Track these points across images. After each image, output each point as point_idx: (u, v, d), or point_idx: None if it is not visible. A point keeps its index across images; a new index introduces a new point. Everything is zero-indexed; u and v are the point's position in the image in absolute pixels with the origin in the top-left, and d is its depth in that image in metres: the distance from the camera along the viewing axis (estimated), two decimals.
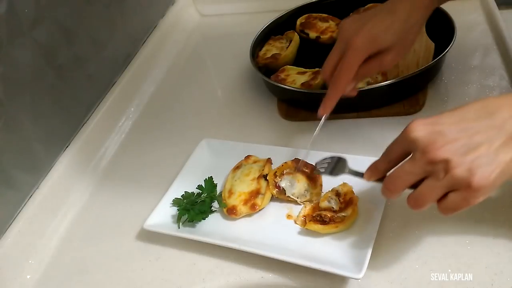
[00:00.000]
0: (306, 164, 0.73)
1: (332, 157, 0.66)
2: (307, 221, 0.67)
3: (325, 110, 0.70)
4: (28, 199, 0.77)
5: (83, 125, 0.91)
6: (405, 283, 0.60)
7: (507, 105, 0.48)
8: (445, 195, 0.49)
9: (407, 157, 0.52)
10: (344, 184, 0.70)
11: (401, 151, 0.52)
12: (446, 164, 0.47)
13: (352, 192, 0.68)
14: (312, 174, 0.71)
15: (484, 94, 0.85)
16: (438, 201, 0.50)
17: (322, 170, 0.65)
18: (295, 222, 0.69)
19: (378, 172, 0.56)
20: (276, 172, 0.74)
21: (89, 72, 0.93)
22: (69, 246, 0.77)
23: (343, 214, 0.66)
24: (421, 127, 0.49)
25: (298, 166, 0.73)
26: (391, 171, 0.54)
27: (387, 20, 0.65)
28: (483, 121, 0.48)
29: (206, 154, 0.83)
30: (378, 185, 0.66)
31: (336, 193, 0.69)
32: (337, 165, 0.64)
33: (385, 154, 0.55)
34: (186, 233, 0.70)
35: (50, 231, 0.79)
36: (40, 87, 0.80)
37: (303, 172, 0.72)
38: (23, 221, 0.75)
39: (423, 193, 0.50)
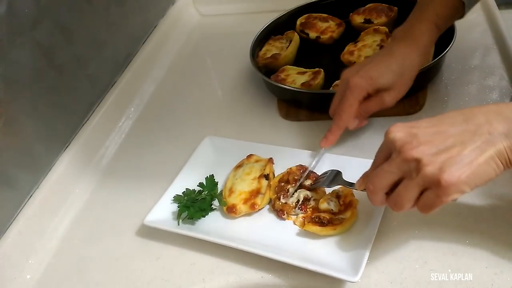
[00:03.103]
0: (309, 176, 0.73)
1: (331, 171, 0.70)
2: (305, 222, 0.67)
3: (327, 143, 0.76)
4: (28, 199, 0.77)
5: (83, 125, 0.91)
6: (405, 283, 0.60)
7: (483, 112, 0.50)
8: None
9: None
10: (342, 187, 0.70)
11: (384, 154, 0.55)
12: (418, 163, 0.49)
13: (352, 194, 0.68)
14: (311, 186, 0.72)
15: (484, 94, 0.85)
16: (416, 201, 0.52)
17: (320, 182, 0.70)
18: (294, 223, 0.69)
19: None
20: (280, 179, 0.74)
21: (89, 72, 0.93)
22: (69, 246, 0.77)
23: (342, 216, 0.66)
24: (399, 129, 0.53)
25: (301, 176, 0.73)
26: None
27: (385, 62, 0.71)
28: (458, 126, 0.50)
29: (209, 152, 0.83)
30: None
31: (336, 195, 0.69)
32: (334, 178, 0.69)
33: (373, 162, 0.57)
34: (185, 230, 0.70)
35: (50, 231, 0.79)
36: (40, 87, 0.80)
37: (304, 185, 0.72)
38: (23, 221, 0.75)
39: (400, 193, 0.52)
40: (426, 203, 0.51)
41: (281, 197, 0.71)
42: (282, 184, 0.73)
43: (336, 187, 0.70)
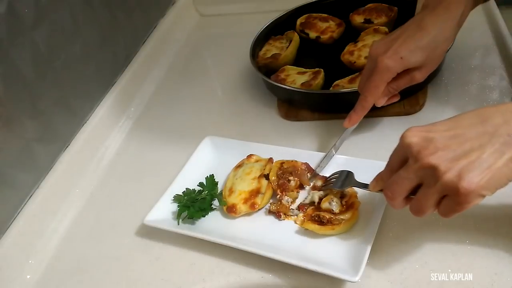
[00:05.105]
0: (319, 177, 0.74)
1: (341, 171, 0.70)
2: (305, 220, 0.68)
3: (350, 123, 0.74)
4: (28, 199, 0.77)
5: (83, 124, 0.91)
6: (405, 283, 0.60)
7: (500, 112, 0.49)
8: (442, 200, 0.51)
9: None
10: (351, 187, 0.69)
11: (399, 158, 0.54)
12: (435, 170, 0.48)
13: (356, 196, 0.68)
14: (323, 188, 0.72)
15: (484, 94, 0.85)
16: (437, 205, 0.51)
17: (331, 184, 0.69)
18: (295, 222, 0.69)
19: (383, 182, 0.57)
20: (279, 169, 0.74)
21: (89, 72, 0.93)
22: (69, 246, 0.77)
23: (341, 217, 0.66)
24: (415, 133, 0.51)
25: (310, 176, 0.74)
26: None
27: (415, 38, 0.66)
28: (476, 128, 0.49)
29: (209, 151, 0.83)
30: None
31: (341, 194, 0.69)
32: (346, 179, 0.68)
33: (387, 164, 0.56)
34: (185, 230, 0.70)
35: (50, 231, 0.79)
36: (40, 87, 0.80)
37: (314, 187, 0.73)
38: (23, 221, 0.75)
39: (420, 200, 0.51)
40: (447, 210, 0.50)
41: (278, 195, 0.72)
42: (286, 167, 0.73)
43: None
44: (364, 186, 0.64)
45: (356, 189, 0.69)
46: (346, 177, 0.69)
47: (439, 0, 0.67)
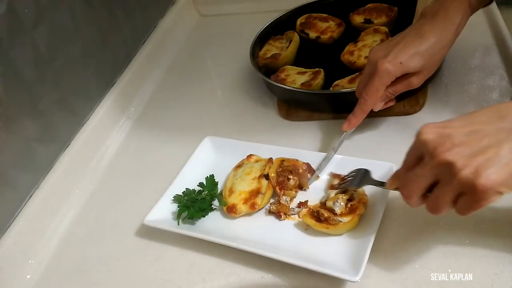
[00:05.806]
0: (335, 175, 0.74)
1: (358, 170, 0.69)
2: (306, 214, 0.68)
3: (349, 126, 0.75)
4: (28, 199, 0.77)
5: (83, 124, 0.91)
6: (405, 283, 0.60)
7: None
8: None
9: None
10: (364, 193, 0.69)
11: (415, 155, 0.53)
12: (452, 167, 0.47)
13: (363, 203, 0.67)
14: (339, 187, 0.71)
15: (484, 94, 0.85)
16: (453, 203, 0.50)
17: (348, 183, 0.69)
18: (299, 216, 0.70)
19: (399, 180, 0.56)
20: (279, 166, 0.75)
21: (89, 72, 0.93)
22: (69, 246, 0.77)
23: (340, 219, 0.66)
24: (431, 129, 0.50)
25: (311, 177, 0.75)
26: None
27: (415, 44, 0.68)
28: (493, 124, 0.48)
29: (209, 152, 0.83)
30: (379, 188, 0.66)
31: (351, 195, 0.68)
32: (363, 178, 0.68)
33: (403, 162, 0.56)
34: (185, 230, 0.70)
35: (50, 231, 0.79)
36: (40, 87, 0.80)
37: (331, 186, 0.73)
38: (23, 221, 0.75)
39: (436, 198, 0.51)
40: (464, 208, 0.49)
41: (277, 194, 0.72)
42: (286, 165, 0.74)
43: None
44: (381, 184, 0.64)
45: (366, 194, 0.69)
46: (363, 175, 0.68)
47: (438, 9, 0.69)
